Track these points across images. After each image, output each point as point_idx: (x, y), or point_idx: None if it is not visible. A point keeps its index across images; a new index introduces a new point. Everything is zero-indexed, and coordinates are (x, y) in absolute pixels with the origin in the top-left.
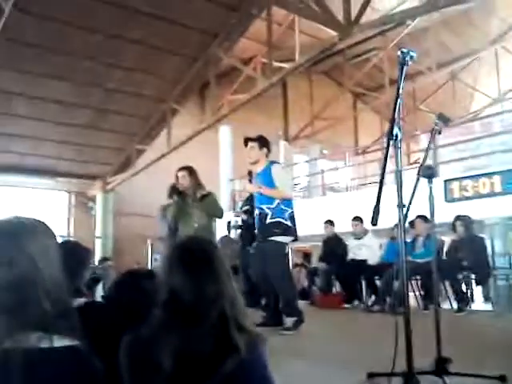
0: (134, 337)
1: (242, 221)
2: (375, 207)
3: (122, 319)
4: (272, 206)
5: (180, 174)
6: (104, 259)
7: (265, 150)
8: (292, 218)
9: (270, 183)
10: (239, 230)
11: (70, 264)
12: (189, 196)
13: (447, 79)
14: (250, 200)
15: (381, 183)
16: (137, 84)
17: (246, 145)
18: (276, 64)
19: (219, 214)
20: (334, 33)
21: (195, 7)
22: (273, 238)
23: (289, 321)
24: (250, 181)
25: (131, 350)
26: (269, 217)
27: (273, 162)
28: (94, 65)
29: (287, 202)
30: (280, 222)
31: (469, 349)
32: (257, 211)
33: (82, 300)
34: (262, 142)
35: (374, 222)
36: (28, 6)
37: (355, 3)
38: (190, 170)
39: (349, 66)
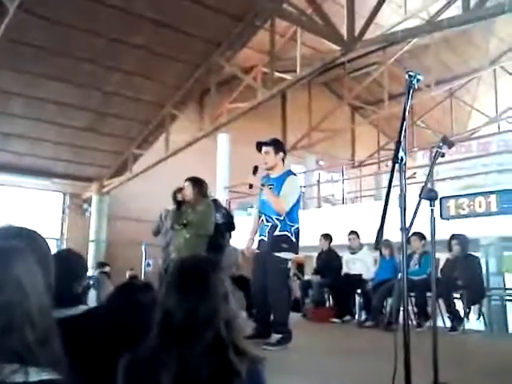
0: (132, 357)
1: None
2: (379, 231)
3: (115, 332)
4: (281, 218)
5: (185, 183)
6: (101, 264)
7: (281, 154)
8: (297, 234)
9: (279, 191)
10: None
11: (68, 274)
12: (188, 205)
13: (445, 97)
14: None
15: (385, 208)
16: (137, 88)
17: (258, 149)
18: (277, 74)
19: (206, 231)
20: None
21: (199, 15)
22: (277, 254)
23: (274, 337)
24: (254, 173)
25: (129, 371)
26: (278, 229)
27: (291, 173)
28: (95, 68)
29: (292, 216)
30: (286, 236)
31: (464, 371)
32: (264, 218)
33: (83, 307)
34: (278, 145)
35: (378, 245)
36: (33, 7)
37: (358, 18)
38: (194, 181)
39: (348, 79)
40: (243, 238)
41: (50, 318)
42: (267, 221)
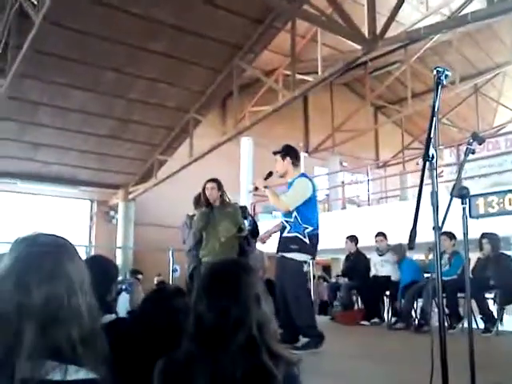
0: (168, 361)
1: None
2: (412, 231)
3: (149, 338)
4: (291, 220)
5: (209, 185)
6: (134, 271)
7: (288, 158)
8: (312, 236)
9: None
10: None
11: (100, 280)
12: (216, 208)
13: (470, 93)
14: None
15: (417, 207)
16: (160, 95)
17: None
18: (298, 76)
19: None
20: (356, 44)
21: (220, 19)
22: (288, 255)
23: (302, 340)
24: (266, 178)
25: (165, 374)
26: (287, 230)
27: (301, 176)
28: (118, 75)
29: (306, 218)
30: (297, 237)
31: (500, 374)
32: (282, 225)
33: (112, 316)
34: (285, 151)
35: (412, 245)
36: (57, 18)
37: (378, 17)
38: (218, 183)
39: (370, 78)
40: (268, 240)
41: (97, 319)
42: (283, 227)
